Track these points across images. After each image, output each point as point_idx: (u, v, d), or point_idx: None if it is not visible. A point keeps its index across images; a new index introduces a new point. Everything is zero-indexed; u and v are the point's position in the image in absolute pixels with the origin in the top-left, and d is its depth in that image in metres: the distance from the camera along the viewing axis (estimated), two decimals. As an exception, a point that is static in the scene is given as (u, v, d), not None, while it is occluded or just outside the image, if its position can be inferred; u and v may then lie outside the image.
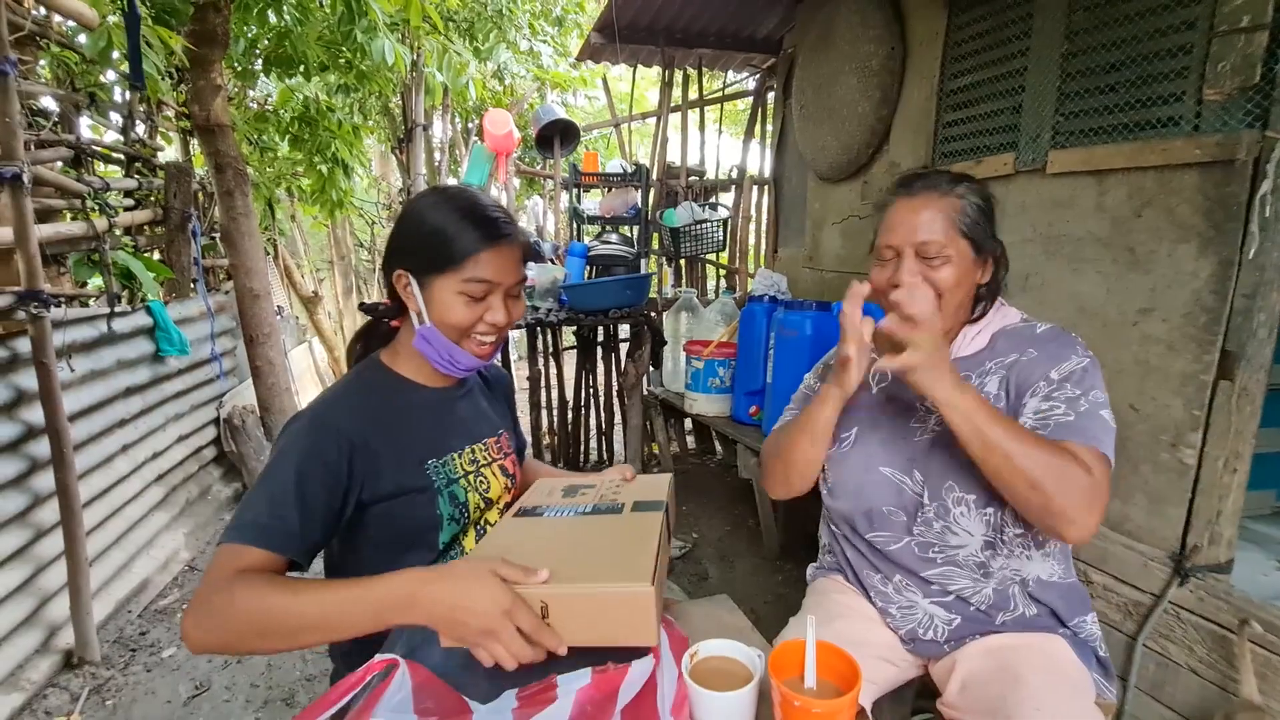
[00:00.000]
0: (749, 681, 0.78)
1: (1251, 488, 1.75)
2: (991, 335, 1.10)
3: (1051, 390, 0.99)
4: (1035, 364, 1.03)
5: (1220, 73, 1.41)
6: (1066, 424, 0.96)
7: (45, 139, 2.38)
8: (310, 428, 0.91)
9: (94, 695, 1.90)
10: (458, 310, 0.95)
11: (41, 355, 1.82)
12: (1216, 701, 1.44)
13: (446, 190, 1.01)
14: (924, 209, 1.04)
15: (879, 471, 1.11)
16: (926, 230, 1.02)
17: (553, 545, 0.84)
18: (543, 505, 0.98)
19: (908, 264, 1.04)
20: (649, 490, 1.01)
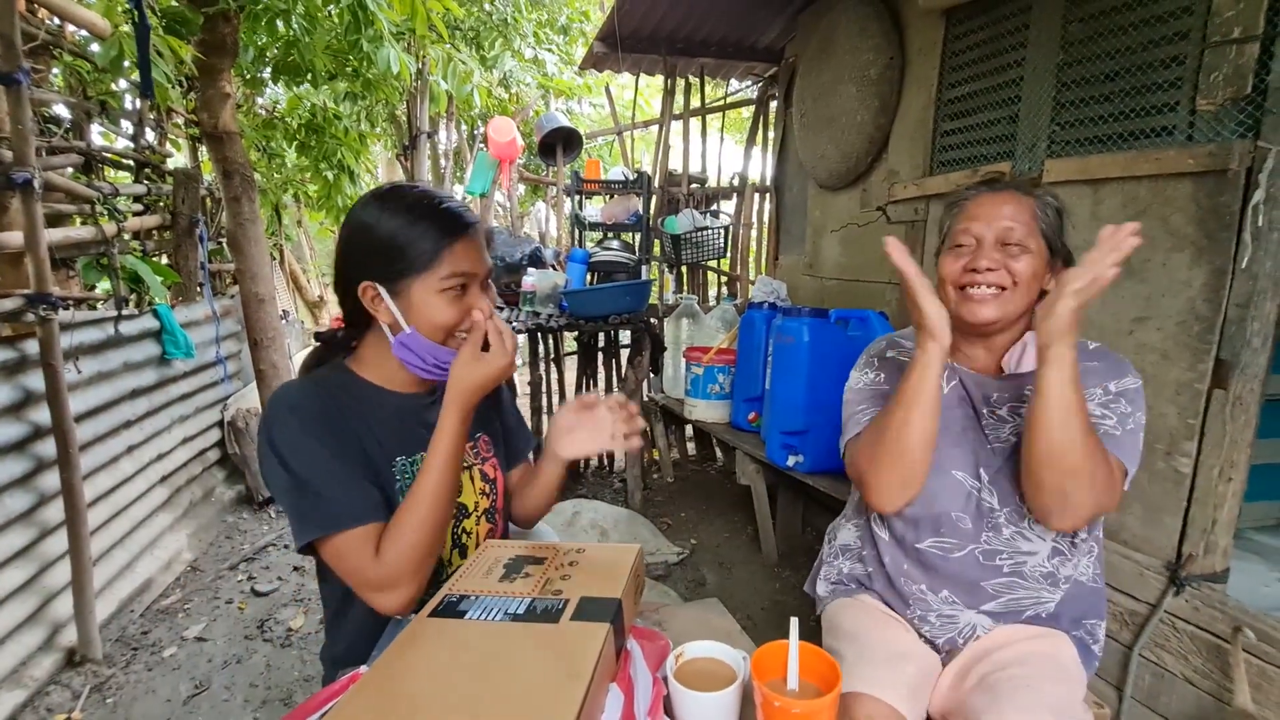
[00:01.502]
0: (732, 682, 0.79)
1: (1256, 498, 1.75)
2: None
3: (1108, 400, 1.03)
4: (1092, 372, 1.05)
5: (1213, 83, 1.43)
6: (1114, 437, 1.00)
7: (57, 145, 2.43)
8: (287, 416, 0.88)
9: (95, 693, 1.92)
10: (442, 310, 0.91)
11: (49, 357, 1.85)
12: (1211, 712, 1.44)
13: (392, 192, 0.94)
14: (1009, 202, 1.06)
15: (951, 475, 1.09)
16: (1011, 220, 1.05)
17: (459, 672, 0.70)
18: (472, 594, 0.84)
19: (987, 250, 1.05)
20: (604, 576, 0.87)
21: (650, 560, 2.64)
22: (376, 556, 0.86)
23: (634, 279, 3.29)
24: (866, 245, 2.72)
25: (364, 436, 0.94)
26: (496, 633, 0.76)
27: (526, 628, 0.77)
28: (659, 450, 3.53)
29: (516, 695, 0.66)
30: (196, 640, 2.19)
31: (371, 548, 0.86)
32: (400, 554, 0.86)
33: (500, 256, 3.11)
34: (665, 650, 0.87)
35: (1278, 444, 1.96)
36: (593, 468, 3.74)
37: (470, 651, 0.73)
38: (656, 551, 2.70)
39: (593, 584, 0.86)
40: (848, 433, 1.19)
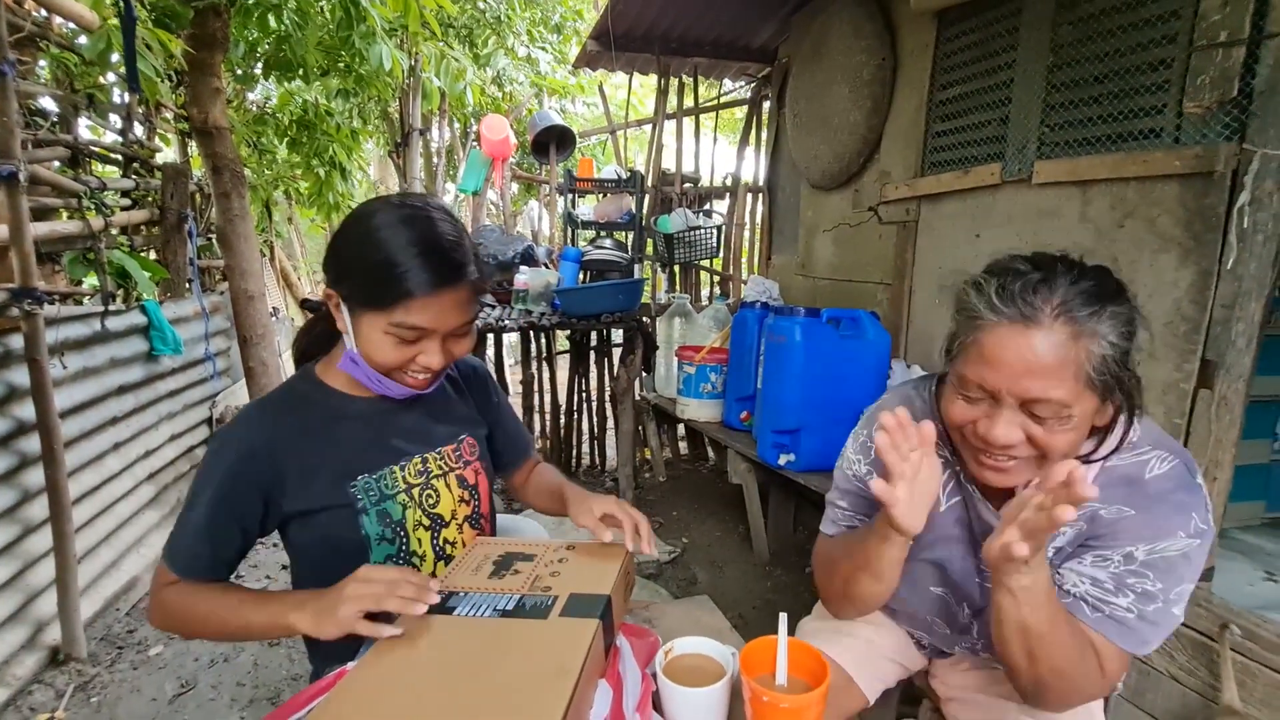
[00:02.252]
0: (721, 678, 0.79)
1: (1241, 499, 1.77)
2: (1093, 477, 0.81)
3: (1126, 573, 0.78)
4: (1122, 526, 0.79)
5: (1200, 86, 1.44)
6: (1122, 624, 0.78)
7: (43, 138, 2.40)
8: (222, 448, 0.90)
9: (79, 692, 1.90)
10: (384, 350, 0.86)
11: (34, 352, 1.83)
12: (1197, 708, 1.45)
13: (398, 209, 0.86)
14: (1046, 354, 0.72)
15: (928, 591, 0.99)
16: (1045, 384, 0.72)
17: (446, 669, 0.69)
18: (460, 591, 0.83)
19: (1007, 415, 0.76)
20: (593, 573, 0.86)
21: (641, 559, 2.64)
22: (164, 588, 0.90)
23: (627, 278, 3.29)
24: (859, 245, 2.73)
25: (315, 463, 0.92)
26: (485, 629, 0.75)
27: (515, 624, 0.76)
28: (651, 449, 3.53)
29: (504, 691, 0.65)
30: (183, 639, 2.17)
31: (163, 581, 0.90)
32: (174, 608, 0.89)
33: (492, 255, 3.10)
34: (654, 647, 0.87)
35: (1261, 445, 1.99)
36: (584, 467, 3.74)
37: (458, 647, 0.72)
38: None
39: (582, 580, 0.85)
40: (825, 521, 1.06)
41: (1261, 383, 1.50)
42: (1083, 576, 0.81)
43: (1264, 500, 2.06)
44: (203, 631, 0.89)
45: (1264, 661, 1.35)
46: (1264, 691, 1.35)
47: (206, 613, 0.87)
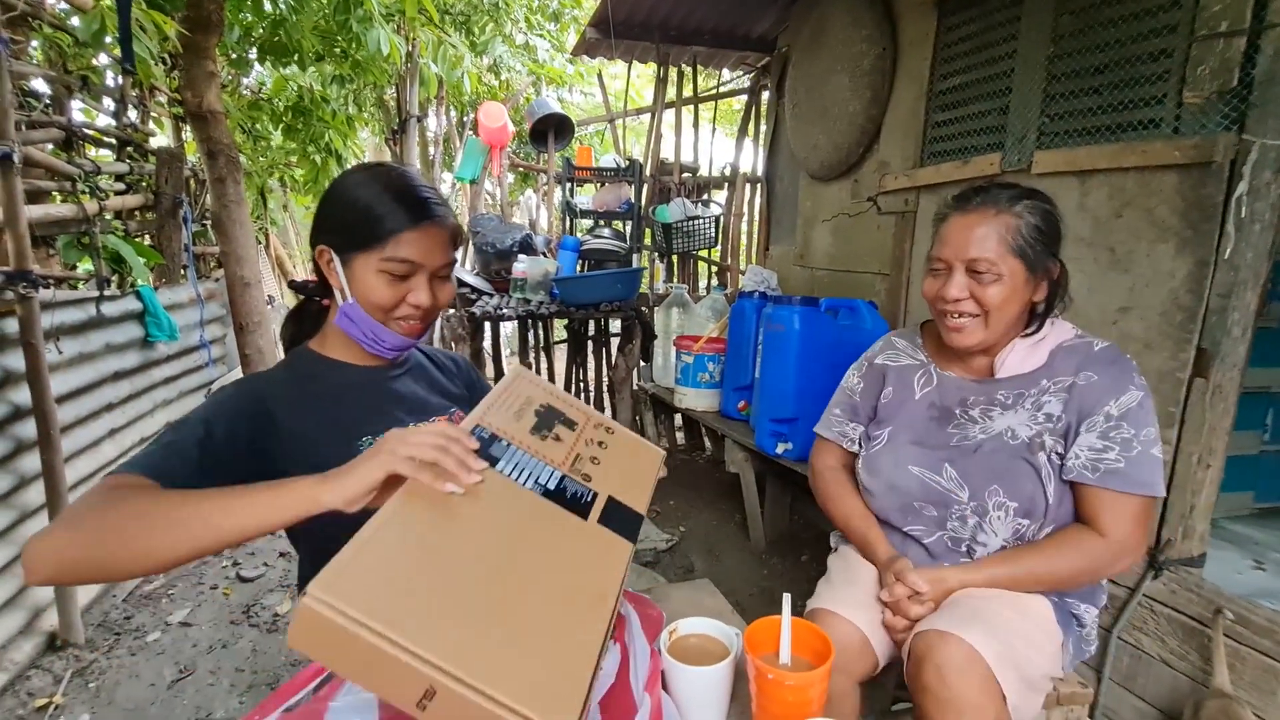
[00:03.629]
0: (726, 658, 0.80)
1: (1230, 489, 1.80)
2: (1050, 351, 1.10)
3: (1109, 429, 1.02)
4: (1096, 391, 1.04)
5: (1199, 76, 1.45)
6: (1116, 471, 1.01)
7: (36, 120, 2.37)
8: (230, 390, 0.90)
9: (77, 677, 1.90)
10: (379, 289, 0.92)
11: (29, 336, 1.81)
12: (1187, 692, 1.47)
13: (376, 166, 0.97)
14: (977, 225, 1.04)
15: (908, 470, 1.14)
16: (977, 247, 1.03)
17: (485, 542, 0.64)
18: (503, 439, 0.77)
19: (957, 278, 1.06)
20: (632, 476, 0.84)
21: (640, 547, 2.65)
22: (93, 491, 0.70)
23: (625, 267, 3.28)
24: (857, 236, 2.73)
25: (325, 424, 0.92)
26: (524, 505, 0.71)
27: (555, 511, 0.72)
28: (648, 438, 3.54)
29: (545, 597, 0.62)
30: (181, 625, 2.17)
31: (113, 484, 0.71)
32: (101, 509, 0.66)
33: (491, 243, 3.08)
34: (660, 620, 0.88)
35: (1251, 436, 2.01)
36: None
37: (497, 519, 0.67)
38: (646, 538, 2.71)
39: (621, 482, 0.82)
40: (820, 424, 1.36)
41: (1252, 374, 1.52)
42: (1080, 449, 1.04)
43: (1253, 490, 2.09)
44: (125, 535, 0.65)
45: (1254, 645, 1.37)
46: (1253, 675, 1.37)
47: (156, 498, 0.69)
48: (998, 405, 1.11)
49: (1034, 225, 1.04)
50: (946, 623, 0.94)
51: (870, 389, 1.28)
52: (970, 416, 1.13)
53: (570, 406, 0.91)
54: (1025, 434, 1.07)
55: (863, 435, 1.27)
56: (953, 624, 0.93)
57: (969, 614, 0.97)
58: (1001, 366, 1.11)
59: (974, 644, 0.90)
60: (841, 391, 1.35)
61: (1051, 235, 1.06)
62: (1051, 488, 1.04)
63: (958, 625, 0.93)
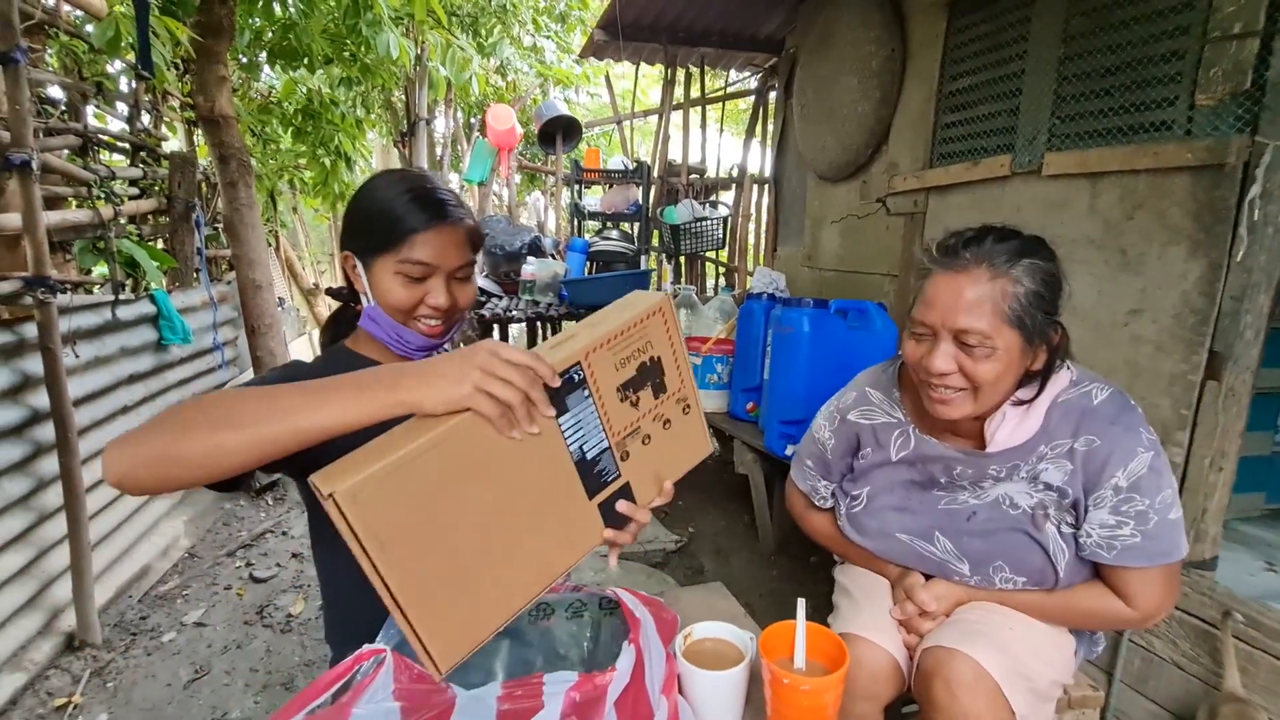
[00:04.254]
0: (741, 662, 0.81)
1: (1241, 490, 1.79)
2: (1045, 411, 0.97)
3: (1119, 503, 0.92)
4: (1099, 460, 0.93)
5: (1212, 78, 1.44)
6: (1134, 548, 0.92)
7: (53, 127, 2.40)
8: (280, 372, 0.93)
9: (95, 677, 1.92)
10: (396, 291, 0.93)
11: (47, 340, 1.84)
12: (1199, 695, 1.47)
13: (397, 171, 1.00)
14: (967, 288, 0.89)
15: (895, 537, 1.07)
16: (967, 316, 0.89)
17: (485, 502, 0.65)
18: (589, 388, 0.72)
19: (943, 347, 0.92)
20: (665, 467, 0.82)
21: (649, 548, 2.66)
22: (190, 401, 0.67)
23: (633, 269, 3.29)
24: (866, 237, 2.73)
25: None
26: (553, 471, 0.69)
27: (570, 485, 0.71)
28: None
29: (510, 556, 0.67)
30: (196, 626, 2.20)
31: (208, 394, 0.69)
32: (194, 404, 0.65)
33: (500, 245, 3.10)
34: (674, 623, 0.89)
35: (1263, 437, 2.00)
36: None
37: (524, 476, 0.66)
38: (654, 539, 2.72)
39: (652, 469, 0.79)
40: (793, 467, 1.29)
41: (1264, 375, 1.51)
42: (1091, 528, 0.95)
43: (1264, 492, 2.08)
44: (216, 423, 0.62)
45: (1266, 649, 1.37)
46: (1266, 678, 1.37)
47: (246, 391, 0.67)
48: (990, 478, 1.02)
49: (1033, 291, 0.90)
50: (954, 638, 0.92)
51: (841, 446, 1.17)
52: (959, 485, 1.04)
53: (676, 368, 0.80)
54: (1026, 503, 0.98)
55: (836, 491, 1.20)
56: (960, 640, 0.92)
57: (977, 628, 0.95)
58: (992, 439, 0.99)
59: (981, 661, 0.89)
60: (813, 441, 1.23)
61: (1053, 298, 0.92)
62: (1064, 562, 0.96)
63: (965, 641, 0.91)
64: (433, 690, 0.75)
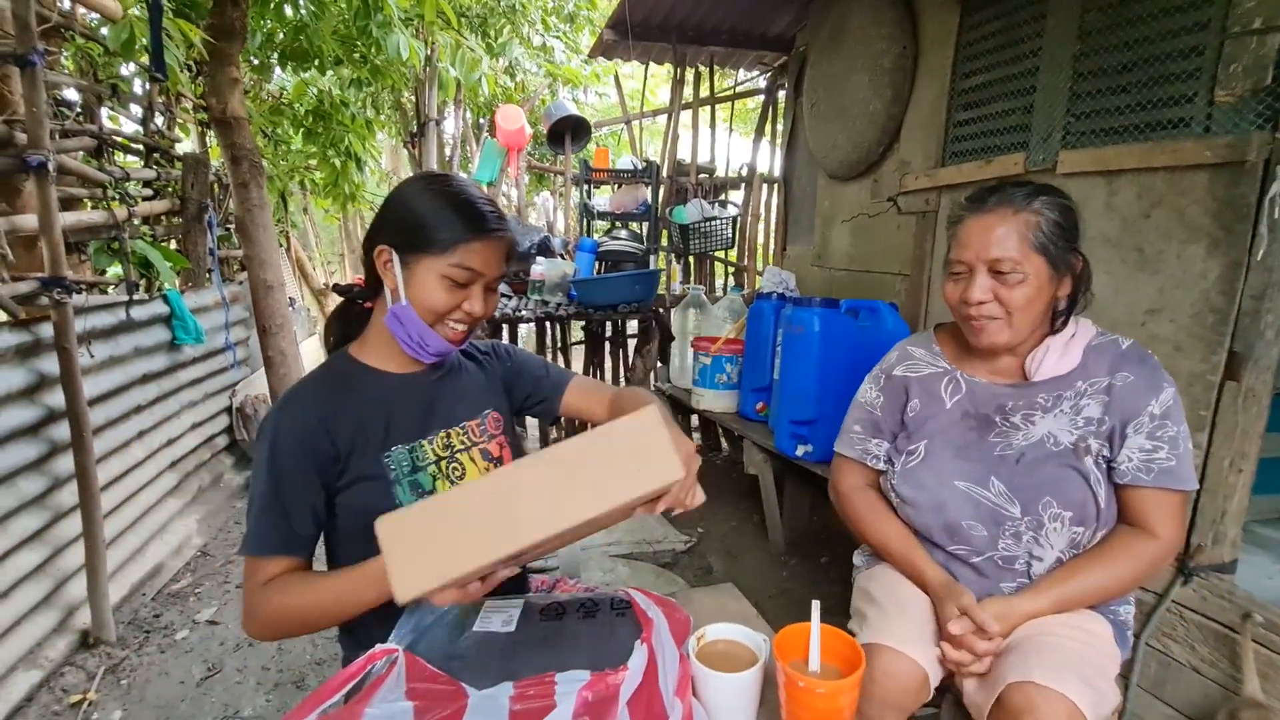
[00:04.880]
0: (754, 664, 0.80)
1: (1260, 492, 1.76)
2: (1082, 351, 1.09)
3: (1155, 428, 1.02)
4: (1135, 391, 1.04)
5: (1232, 74, 1.42)
6: (1169, 470, 1.01)
7: (69, 129, 2.42)
8: (277, 433, 0.92)
9: (109, 675, 1.94)
10: (438, 294, 0.94)
11: (63, 340, 1.86)
12: (1218, 700, 1.45)
13: (442, 176, 1.00)
14: (997, 225, 1.02)
15: (954, 486, 1.09)
16: (999, 247, 1.01)
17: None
18: None
19: (980, 280, 1.03)
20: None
21: (657, 548, 2.66)
22: (263, 588, 0.89)
23: (642, 269, 3.29)
24: (877, 236, 2.71)
25: (355, 437, 0.96)
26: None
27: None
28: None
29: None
30: (208, 624, 2.22)
31: (263, 575, 0.90)
32: (275, 610, 0.89)
33: (509, 245, 3.11)
34: (687, 624, 0.88)
35: (1284, 438, 1.97)
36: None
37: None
38: (664, 540, 2.71)
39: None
40: (839, 442, 1.30)
41: (1284, 375, 1.49)
42: (1130, 452, 1.03)
43: (1285, 494, 2.04)
44: (305, 624, 0.90)
45: (1288, 654, 1.35)
46: (1288, 684, 1.35)
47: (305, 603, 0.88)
48: (1038, 409, 1.08)
49: (1054, 221, 1.02)
50: (1043, 673, 0.90)
51: (892, 402, 1.22)
52: (1011, 423, 1.09)
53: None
54: (1068, 439, 1.05)
55: (890, 451, 1.21)
56: (1049, 675, 0.90)
57: (1057, 658, 0.93)
58: (1038, 369, 1.08)
59: (1075, 700, 0.87)
60: (858, 407, 1.28)
61: (1071, 230, 1.05)
62: (1103, 492, 1.03)
63: (1054, 677, 0.89)
64: (446, 690, 0.74)
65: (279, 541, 0.92)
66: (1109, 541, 1.05)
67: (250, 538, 0.92)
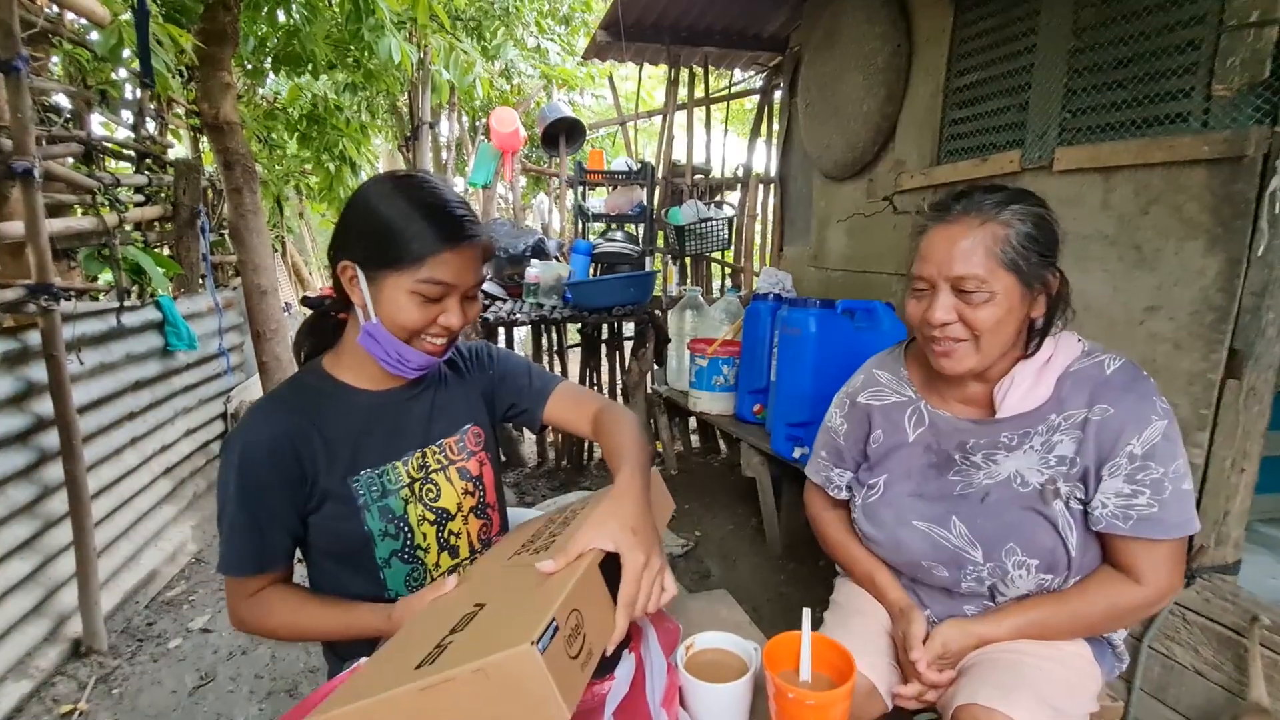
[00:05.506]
0: (745, 674, 0.78)
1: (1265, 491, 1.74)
2: (1056, 379, 0.97)
3: (1135, 471, 0.91)
4: (1114, 428, 0.92)
5: (1229, 68, 1.40)
6: (1150, 518, 0.90)
7: (57, 135, 2.41)
8: (243, 449, 0.88)
9: (101, 684, 1.92)
10: (409, 311, 0.87)
11: (51, 348, 1.84)
12: (1221, 704, 1.43)
13: (405, 178, 0.90)
14: (961, 238, 0.91)
15: (913, 525, 1.04)
16: (963, 263, 0.91)
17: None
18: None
19: (942, 298, 0.93)
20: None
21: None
22: (249, 600, 0.92)
23: (638, 270, 3.27)
24: (873, 236, 2.70)
25: (320, 459, 0.91)
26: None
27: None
28: (663, 442, 3.52)
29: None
30: (201, 632, 2.20)
31: (245, 592, 0.92)
32: (265, 624, 0.92)
33: (504, 248, 3.09)
34: (676, 633, 0.87)
35: (1287, 436, 1.94)
36: (597, 460, 3.74)
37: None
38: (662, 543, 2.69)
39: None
40: (809, 465, 1.28)
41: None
42: (1105, 497, 0.93)
43: (1288, 492, 2.02)
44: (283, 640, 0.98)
45: (1293, 657, 1.32)
46: (1293, 687, 1.32)
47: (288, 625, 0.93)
48: (1001, 449, 0.99)
49: (1025, 234, 0.91)
50: (991, 694, 0.87)
51: (855, 430, 1.16)
52: (972, 462, 1.01)
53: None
54: (1036, 480, 0.96)
55: (852, 481, 1.17)
56: (996, 696, 0.86)
57: (1011, 678, 0.90)
58: (1003, 403, 0.97)
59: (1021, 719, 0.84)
60: (825, 432, 1.22)
61: (1047, 242, 0.93)
62: (1074, 539, 0.94)
63: (1001, 697, 0.86)
64: None
65: (254, 560, 0.90)
66: (1088, 581, 0.97)
67: (227, 560, 0.90)
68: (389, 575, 0.96)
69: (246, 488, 0.88)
